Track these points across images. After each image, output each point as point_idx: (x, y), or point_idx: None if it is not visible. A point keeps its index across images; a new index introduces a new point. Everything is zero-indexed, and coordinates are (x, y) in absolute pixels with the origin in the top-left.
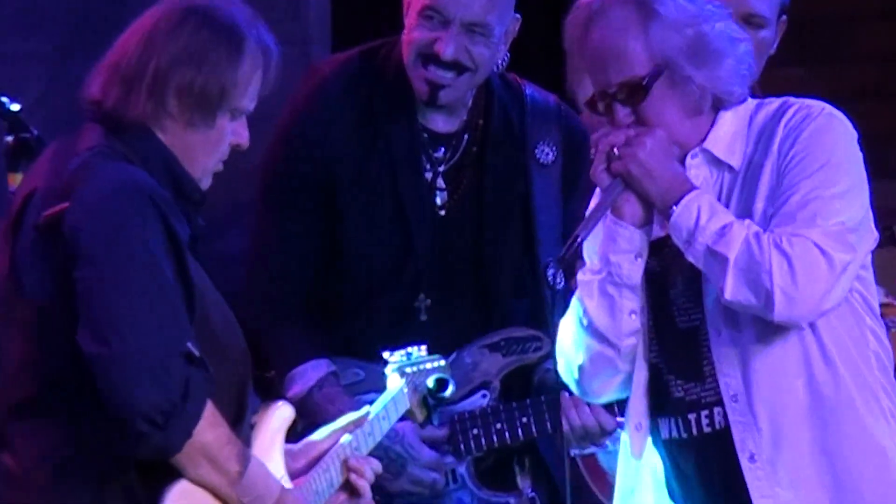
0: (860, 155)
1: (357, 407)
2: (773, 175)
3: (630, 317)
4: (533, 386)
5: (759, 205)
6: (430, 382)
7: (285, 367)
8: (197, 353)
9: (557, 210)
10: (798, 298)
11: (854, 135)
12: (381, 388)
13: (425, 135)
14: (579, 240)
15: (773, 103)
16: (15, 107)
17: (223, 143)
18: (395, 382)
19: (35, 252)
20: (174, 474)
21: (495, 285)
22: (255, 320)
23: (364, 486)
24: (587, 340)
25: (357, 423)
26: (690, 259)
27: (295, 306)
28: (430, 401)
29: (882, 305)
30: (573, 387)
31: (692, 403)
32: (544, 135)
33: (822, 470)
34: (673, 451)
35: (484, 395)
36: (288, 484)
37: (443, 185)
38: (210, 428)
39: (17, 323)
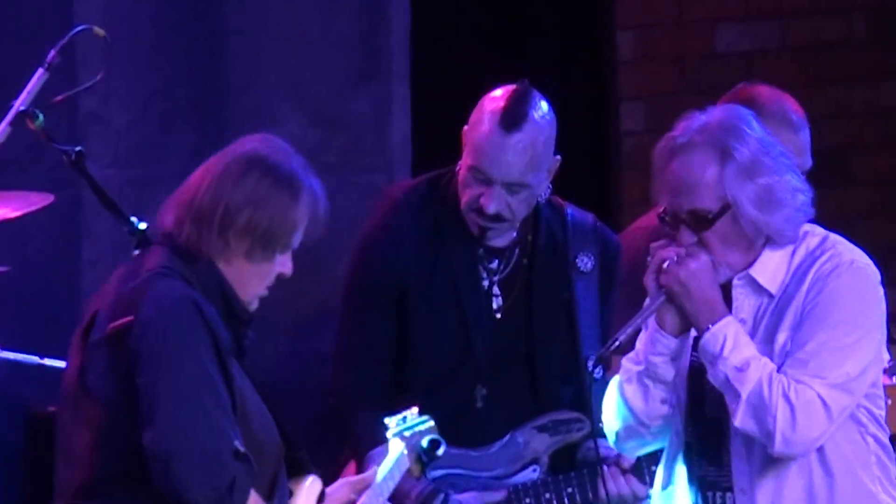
0: (880, 305)
1: (423, 486)
2: (796, 314)
3: (660, 404)
4: (577, 461)
5: (781, 336)
6: (425, 443)
7: (363, 449)
8: (243, 449)
9: (596, 310)
10: (795, 441)
11: (876, 286)
12: (446, 465)
13: (482, 249)
14: (617, 342)
15: (815, 238)
16: (143, 226)
17: (273, 274)
18: (396, 446)
19: (102, 359)
20: None
21: (543, 375)
22: (338, 407)
23: None
24: (624, 413)
25: (366, 483)
26: (711, 379)
27: (372, 396)
28: (424, 458)
29: None
30: (612, 444)
31: (711, 483)
32: (583, 246)
33: None
34: None
35: (534, 470)
36: None
37: (498, 293)
38: None
39: (84, 419)
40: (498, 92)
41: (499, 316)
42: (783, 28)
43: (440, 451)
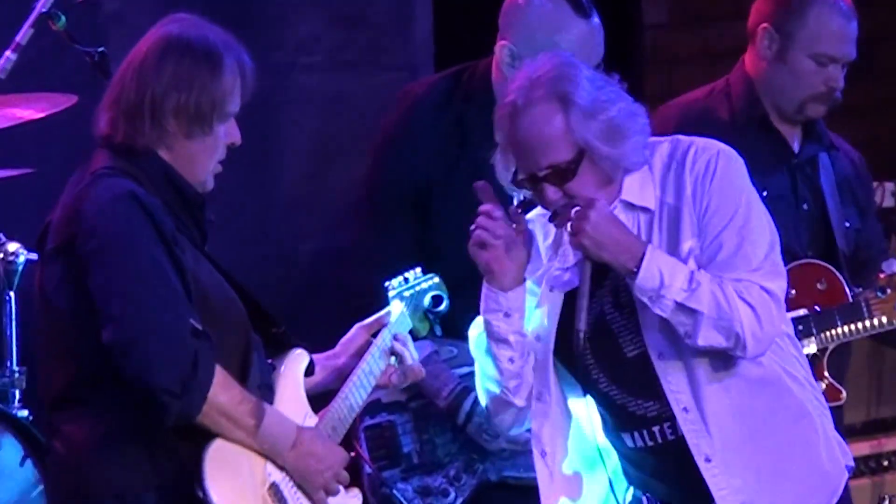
0: (748, 180)
1: (453, 380)
2: (692, 219)
3: (509, 363)
4: None
5: (686, 244)
6: (427, 300)
7: None
8: (200, 327)
9: None
10: (763, 339)
11: (742, 163)
12: (471, 362)
13: None
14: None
15: (664, 145)
16: None
17: (220, 146)
18: (396, 307)
19: (56, 269)
20: (211, 434)
21: None
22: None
23: (405, 351)
24: (484, 383)
25: (381, 323)
26: (657, 311)
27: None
28: (430, 315)
29: None
30: (492, 424)
31: (653, 419)
32: None
33: (762, 446)
34: (633, 457)
35: None
36: (312, 420)
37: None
38: (223, 391)
39: (49, 330)
40: None
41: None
42: None
43: (443, 307)
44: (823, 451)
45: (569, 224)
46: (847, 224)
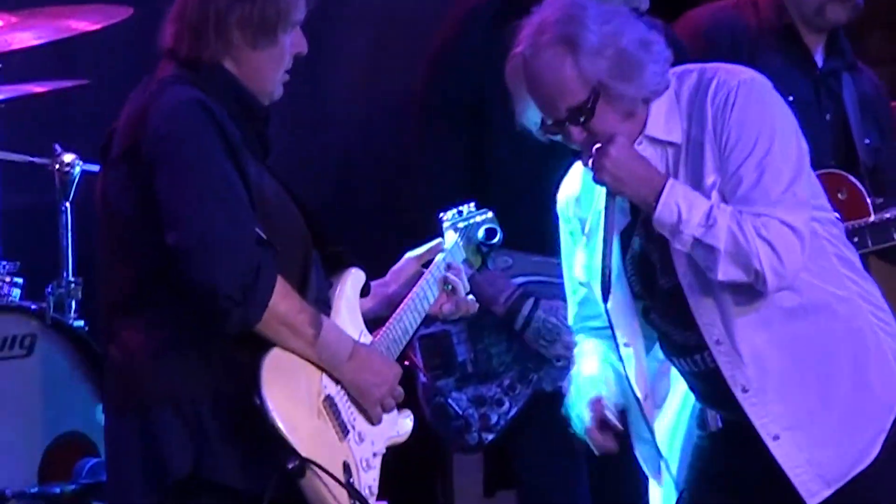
0: (782, 106)
1: (510, 286)
2: (714, 153)
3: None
4: None
5: (709, 179)
6: (480, 234)
7: None
8: (263, 235)
9: None
10: (786, 273)
11: (770, 90)
12: (527, 272)
13: None
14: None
15: (692, 76)
16: None
17: (286, 56)
18: (450, 237)
19: (120, 175)
20: (270, 343)
21: None
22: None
23: (459, 282)
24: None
25: (434, 252)
26: (677, 246)
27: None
28: (483, 248)
29: None
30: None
31: (694, 347)
32: None
33: (806, 373)
34: (688, 380)
35: None
36: (367, 339)
37: None
38: (283, 300)
39: (113, 237)
40: None
41: None
42: None
43: (496, 240)
44: (876, 376)
45: (590, 161)
46: (867, 141)
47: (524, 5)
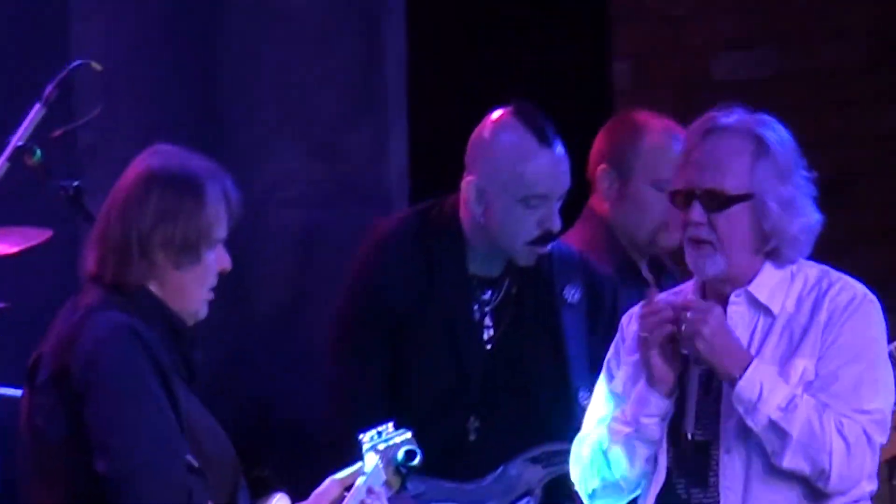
0: (884, 335)
1: None
2: (816, 343)
3: (644, 463)
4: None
5: (800, 363)
6: (400, 455)
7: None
8: (196, 463)
9: (585, 341)
10: (850, 479)
11: (881, 316)
12: (440, 499)
13: (475, 281)
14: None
15: (813, 269)
16: None
17: (210, 274)
18: (370, 460)
19: (48, 401)
20: None
21: (535, 407)
22: (336, 437)
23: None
24: (605, 474)
25: (354, 476)
26: (749, 424)
27: (367, 426)
28: (403, 470)
29: None
30: (583, 496)
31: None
32: (570, 279)
33: None
34: None
35: (528, 502)
36: None
37: (489, 323)
38: None
39: (38, 463)
40: None
41: (489, 347)
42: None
43: (416, 462)
44: None
45: (683, 325)
46: None
47: (434, 231)
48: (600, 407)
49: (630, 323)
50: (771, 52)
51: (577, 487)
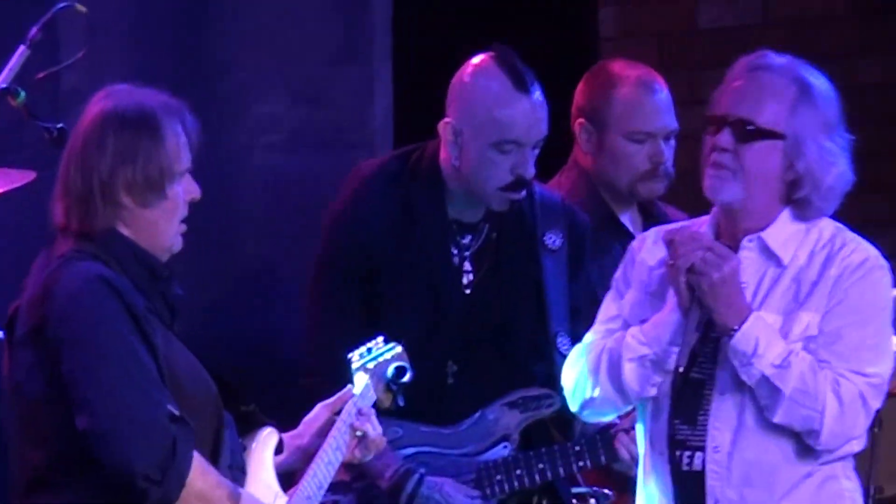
0: (892, 299)
1: (396, 461)
2: (823, 298)
3: (650, 387)
4: (577, 433)
5: (805, 316)
6: (390, 372)
7: None
8: (177, 412)
9: (564, 287)
10: (840, 437)
11: (890, 280)
12: (417, 443)
13: (454, 225)
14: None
15: (828, 227)
16: None
17: (179, 206)
18: (360, 380)
19: (27, 356)
20: None
21: (514, 351)
22: (312, 386)
23: (369, 426)
24: (607, 385)
25: (344, 400)
26: (743, 377)
27: (347, 375)
28: (393, 387)
29: None
30: (573, 403)
31: (680, 442)
32: (551, 225)
33: None
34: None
35: (505, 447)
36: (282, 500)
37: (468, 268)
38: (200, 476)
39: (21, 417)
40: None
41: (468, 291)
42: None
43: (407, 378)
44: None
45: (694, 264)
46: None
47: (414, 174)
48: (610, 320)
49: (643, 249)
50: (756, 0)
51: (566, 392)
